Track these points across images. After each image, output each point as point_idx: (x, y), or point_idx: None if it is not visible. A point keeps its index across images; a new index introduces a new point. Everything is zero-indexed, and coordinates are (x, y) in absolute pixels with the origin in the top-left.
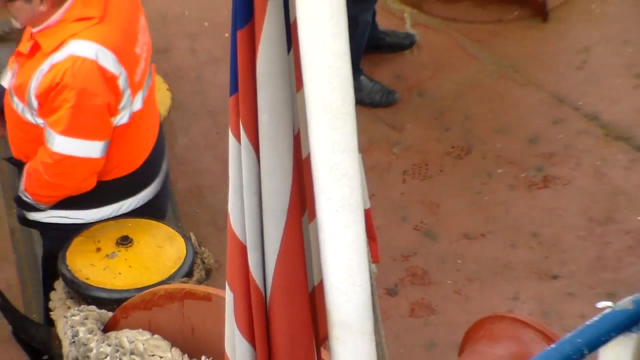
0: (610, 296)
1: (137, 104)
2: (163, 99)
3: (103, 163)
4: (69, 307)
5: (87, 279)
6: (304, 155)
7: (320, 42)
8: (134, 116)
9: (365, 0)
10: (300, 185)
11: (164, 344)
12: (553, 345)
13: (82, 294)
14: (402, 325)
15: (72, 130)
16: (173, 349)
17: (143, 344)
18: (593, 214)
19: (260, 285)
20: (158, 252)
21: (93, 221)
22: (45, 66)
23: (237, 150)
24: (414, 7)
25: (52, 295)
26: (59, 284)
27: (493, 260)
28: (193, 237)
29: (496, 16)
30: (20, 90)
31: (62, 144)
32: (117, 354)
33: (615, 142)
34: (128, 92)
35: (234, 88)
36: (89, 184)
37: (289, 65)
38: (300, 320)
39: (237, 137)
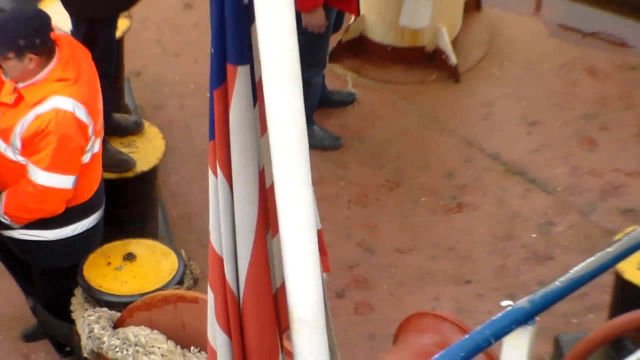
0: (511, 297)
1: (96, 148)
2: (158, 145)
3: (72, 193)
4: (86, 309)
5: (100, 286)
6: (267, 185)
7: (282, 99)
8: (93, 157)
9: (316, 66)
10: (265, 210)
11: (161, 338)
12: (467, 336)
13: (96, 298)
14: (348, 321)
15: (53, 167)
16: (168, 341)
17: (144, 338)
18: (496, 232)
19: (234, 289)
20: (156, 265)
21: (55, 238)
22: (30, 116)
23: (215, 183)
24: (355, 72)
25: (73, 300)
26: (78, 291)
27: (419, 269)
28: (183, 253)
29: (419, 78)
30: (5, 133)
31: (44, 178)
32: (124, 346)
33: (513, 176)
34: (93, 138)
35: (212, 135)
36: (60, 209)
37: (255, 116)
38: (266, 316)
39: (215, 173)
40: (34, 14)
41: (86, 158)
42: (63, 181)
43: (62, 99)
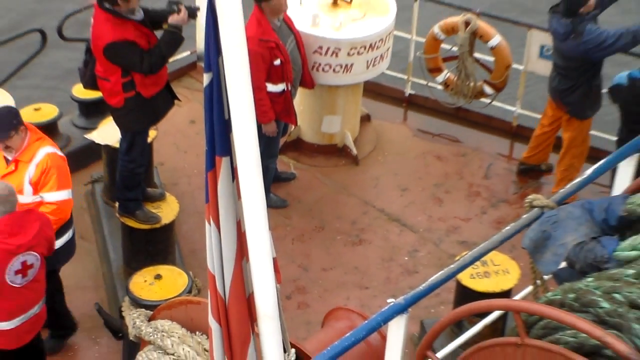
0: (393, 296)
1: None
2: (175, 207)
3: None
4: (131, 310)
5: (140, 295)
6: (242, 230)
7: (249, 178)
8: None
9: (272, 157)
10: (241, 245)
11: (178, 327)
12: (366, 321)
13: (138, 303)
14: (293, 314)
15: (61, 186)
16: (182, 329)
17: (168, 327)
18: (384, 257)
19: (222, 295)
20: (174, 282)
21: (59, 245)
22: (31, 168)
23: (209, 230)
24: (295, 160)
25: (123, 304)
26: (126, 299)
27: (336, 281)
28: (191, 273)
29: (334, 163)
30: (18, 188)
31: (58, 196)
32: (155, 332)
33: (393, 222)
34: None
35: (207, 199)
36: (68, 215)
37: (233, 188)
38: (242, 312)
39: (209, 223)
40: (8, 106)
41: None
42: (68, 193)
43: (46, 147)
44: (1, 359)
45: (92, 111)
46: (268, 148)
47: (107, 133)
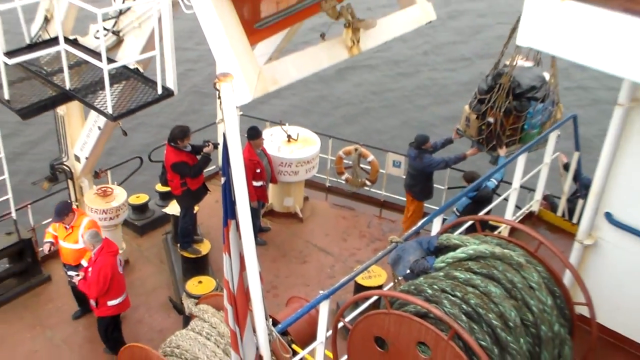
0: (323, 290)
1: None
2: (208, 246)
3: None
4: (187, 299)
5: (191, 292)
6: (241, 253)
7: (245, 229)
8: None
9: (257, 218)
10: (243, 263)
11: (211, 308)
12: (308, 303)
13: (191, 296)
14: (270, 300)
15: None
16: (213, 309)
17: (206, 308)
18: (317, 270)
19: (232, 291)
20: (209, 284)
21: None
22: (81, 229)
23: (225, 257)
24: (269, 220)
25: (182, 296)
26: (184, 294)
27: (293, 283)
28: (217, 280)
29: (290, 222)
30: (75, 241)
31: None
32: (199, 310)
33: (321, 251)
34: None
35: (223, 242)
36: None
37: (237, 235)
38: (243, 298)
39: (225, 254)
40: (65, 201)
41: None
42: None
43: (86, 217)
44: (110, 322)
45: (166, 197)
46: (254, 214)
47: (173, 208)
